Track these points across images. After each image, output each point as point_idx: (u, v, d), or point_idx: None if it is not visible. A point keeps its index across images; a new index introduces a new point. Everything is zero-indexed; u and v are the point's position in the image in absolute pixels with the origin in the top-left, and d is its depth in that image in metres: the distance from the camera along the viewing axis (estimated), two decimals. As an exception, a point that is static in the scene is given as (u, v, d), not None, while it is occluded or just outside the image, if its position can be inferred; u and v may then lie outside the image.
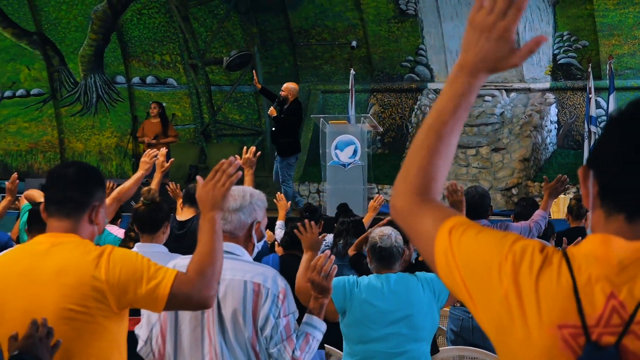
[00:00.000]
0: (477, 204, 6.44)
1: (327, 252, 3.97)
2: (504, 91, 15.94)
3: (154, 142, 14.89)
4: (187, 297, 2.99)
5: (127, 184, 5.79)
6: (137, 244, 5.02)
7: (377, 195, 8.79)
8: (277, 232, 8.23)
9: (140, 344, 3.62)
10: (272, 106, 12.95)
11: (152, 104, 15.90)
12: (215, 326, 3.50)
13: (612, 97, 14.13)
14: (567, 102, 15.83)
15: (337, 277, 4.46)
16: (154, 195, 5.18)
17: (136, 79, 18.10)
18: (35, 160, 18.57)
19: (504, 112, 15.85)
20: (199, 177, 3.20)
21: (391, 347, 4.77)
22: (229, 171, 3.15)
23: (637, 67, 15.27)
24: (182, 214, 7.07)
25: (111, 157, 18.27)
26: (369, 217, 8.47)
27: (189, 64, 17.58)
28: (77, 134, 18.44)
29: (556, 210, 12.14)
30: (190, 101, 17.92)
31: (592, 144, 13.95)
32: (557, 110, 15.84)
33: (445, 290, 4.83)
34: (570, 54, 15.71)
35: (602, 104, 14.81)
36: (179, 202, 7.34)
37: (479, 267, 1.70)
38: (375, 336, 4.78)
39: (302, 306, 3.84)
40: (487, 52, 1.77)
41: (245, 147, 5.97)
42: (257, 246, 3.71)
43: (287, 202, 8.90)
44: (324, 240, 7.04)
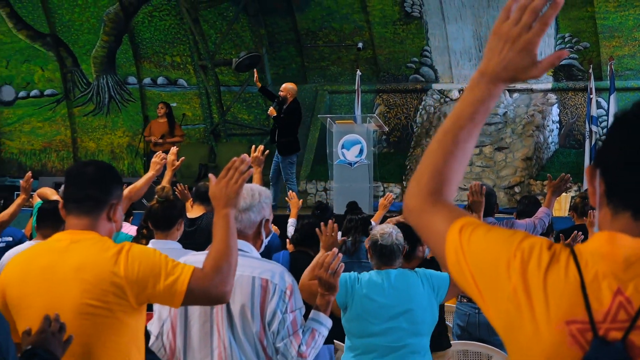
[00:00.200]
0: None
1: (335, 249, 3.97)
2: (507, 92, 15.91)
3: (161, 141, 14.93)
4: (204, 293, 2.98)
5: (138, 184, 5.81)
6: (151, 241, 5.02)
7: (388, 193, 8.71)
8: (290, 230, 8.19)
9: (151, 339, 3.62)
10: (272, 106, 12.94)
11: (160, 104, 15.90)
12: (224, 321, 3.50)
13: (612, 98, 14.11)
14: (569, 102, 15.81)
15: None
16: (168, 193, 5.18)
17: (147, 80, 18.11)
18: (48, 159, 18.59)
19: (507, 112, 15.83)
20: (211, 175, 3.19)
21: (392, 341, 4.77)
22: (241, 168, 3.13)
23: (637, 68, 15.24)
24: (192, 211, 7.07)
25: (123, 156, 18.27)
26: (379, 215, 8.37)
27: (199, 65, 17.58)
28: (89, 134, 18.45)
29: (558, 208, 12.11)
30: (200, 101, 17.92)
31: (593, 143, 13.94)
32: (558, 110, 15.82)
33: (444, 286, 4.86)
34: (571, 56, 15.69)
35: (603, 104, 14.79)
36: (189, 202, 7.33)
37: (488, 264, 1.71)
38: (376, 330, 4.78)
39: (307, 304, 3.84)
40: (510, 61, 1.77)
41: (253, 146, 5.97)
42: (264, 242, 3.71)
43: (298, 200, 8.85)
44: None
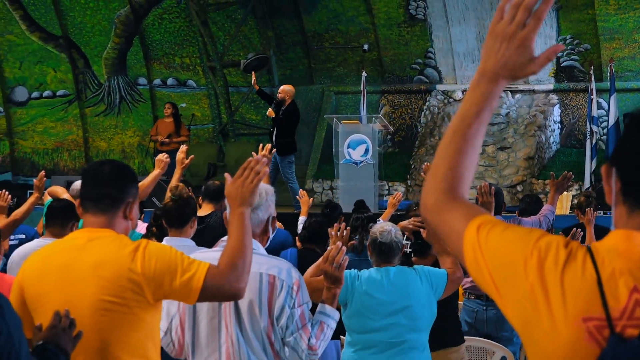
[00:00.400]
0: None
1: (339, 243, 3.99)
2: (509, 92, 15.91)
3: (167, 140, 14.96)
4: (219, 289, 2.99)
5: (145, 182, 5.79)
6: (166, 238, 5.01)
7: (397, 192, 8.67)
8: (300, 228, 8.15)
9: (160, 335, 3.62)
10: (271, 107, 12.92)
11: (167, 104, 15.88)
12: (232, 317, 3.51)
13: (612, 98, 14.10)
14: (570, 103, 15.78)
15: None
16: (182, 191, 5.16)
17: (157, 81, 18.13)
18: (61, 158, 18.63)
19: (509, 112, 15.81)
20: (227, 175, 3.21)
21: (391, 336, 4.76)
22: (257, 168, 3.17)
23: (637, 70, 15.22)
24: (201, 209, 7.05)
25: (133, 155, 18.30)
26: (388, 213, 8.28)
27: (207, 66, 17.58)
28: (100, 133, 18.48)
29: (559, 207, 12.08)
30: (209, 102, 17.92)
31: (593, 143, 13.94)
32: (560, 110, 15.80)
33: (441, 282, 4.86)
34: (573, 57, 15.67)
35: (603, 104, 14.77)
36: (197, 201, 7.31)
37: (506, 262, 1.69)
38: (375, 326, 4.77)
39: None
40: (508, 59, 1.78)
41: (261, 145, 5.96)
42: (270, 238, 3.72)
43: (309, 199, 8.80)
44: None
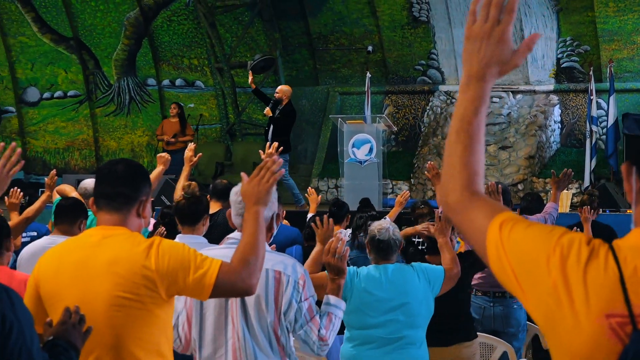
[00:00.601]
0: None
1: (339, 235, 4.02)
2: (510, 93, 15.88)
3: (173, 140, 15.00)
4: (232, 286, 2.98)
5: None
6: (178, 235, 5.00)
7: (404, 191, 8.62)
8: None
9: (172, 331, 3.61)
10: (268, 107, 12.92)
11: (172, 104, 15.88)
12: (238, 312, 3.52)
13: (612, 99, 14.07)
14: (570, 103, 15.75)
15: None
16: (195, 189, 5.16)
17: (166, 82, 18.13)
18: (72, 157, 18.65)
19: (510, 112, 15.78)
20: (243, 174, 3.23)
21: (389, 332, 4.76)
22: (273, 168, 3.18)
23: (636, 71, 15.19)
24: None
25: (142, 154, 18.32)
26: (395, 211, 8.23)
27: (215, 67, 17.57)
28: (110, 133, 18.49)
29: (559, 205, 12.04)
30: (216, 102, 17.91)
31: (593, 142, 13.91)
32: (560, 110, 15.77)
33: (439, 279, 4.86)
34: (572, 58, 15.64)
35: (603, 105, 14.74)
36: None
37: (528, 259, 1.68)
38: (373, 323, 4.77)
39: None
40: (490, 57, 1.79)
41: (267, 144, 5.95)
42: (273, 234, 3.74)
43: (317, 196, 8.76)
44: (339, 232, 6.96)
